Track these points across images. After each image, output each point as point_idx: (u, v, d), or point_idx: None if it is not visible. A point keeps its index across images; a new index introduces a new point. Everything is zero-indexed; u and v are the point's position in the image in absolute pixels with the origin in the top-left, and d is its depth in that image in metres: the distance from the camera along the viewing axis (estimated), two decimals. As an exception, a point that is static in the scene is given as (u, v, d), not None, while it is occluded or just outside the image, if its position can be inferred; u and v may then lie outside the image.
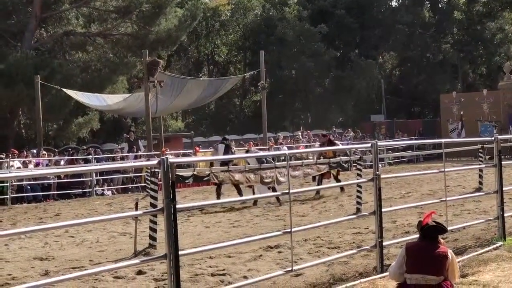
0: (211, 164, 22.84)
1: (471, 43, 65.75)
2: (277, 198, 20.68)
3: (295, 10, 63.94)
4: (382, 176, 10.73)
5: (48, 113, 38.98)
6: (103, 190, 30.21)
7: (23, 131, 47.03)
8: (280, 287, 9.57)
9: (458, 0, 66.69)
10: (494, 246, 11.63)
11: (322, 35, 60.78)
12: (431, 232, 8.70)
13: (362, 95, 61.90)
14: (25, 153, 30.84)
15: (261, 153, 23.94)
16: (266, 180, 20.92)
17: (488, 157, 22.61)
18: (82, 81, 42.09)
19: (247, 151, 29.04)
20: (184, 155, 34.07)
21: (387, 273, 9.43)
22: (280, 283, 9.77)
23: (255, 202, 21.12)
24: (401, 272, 8.75)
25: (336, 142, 28.27)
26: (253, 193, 21.84)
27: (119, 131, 54.35)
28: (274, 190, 20.59)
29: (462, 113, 45.19)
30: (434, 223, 8.81)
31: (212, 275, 10.67)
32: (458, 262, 9.52)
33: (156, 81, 33.16)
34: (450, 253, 8.66)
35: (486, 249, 11.47)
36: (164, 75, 37.20)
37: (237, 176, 21.27)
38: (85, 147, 36.78)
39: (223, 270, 10.98)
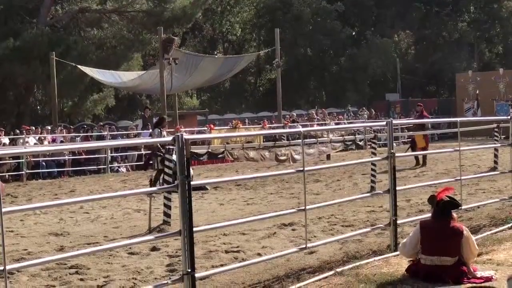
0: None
1: (488, 21, 65.26)
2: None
3: (311, -13, 63.68)
4: (396, 154, 10.70)
5: (63, 90, 39.13)
6: (118, 166, 30.30)
7: (38, 107, 47.22)
8: (294, 264, 9.59)
9: (475, -22, 66.27)
10: (509, 225, 11.60)
11: (338, 13, 60.50)
12: (445, 207, 8.70)
13: (377, 74, 61.64)
14: (40, 130, 30.92)
15: (276, 131, 23.93)
16: (281, 158, 20.93)
17: (504, 136, 22.51)
18: (97, 58, 42.14)
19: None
20: (199, 132, 34.09)
21: (400, 251, 9.44)
22: (293, 260, 9.79)
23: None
24: (415, 252, 8.76)
25: (427, 115, 28.33)
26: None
27: (134, 108, 54.45)
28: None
29: (477, 92, 44.94)
30: (448, 198, 8.81)
31: (226, 252, 10.70)
32: (475, 239, 9.48)
33: (171, 59, 33.11)
34: (465, 230, 8.65)
35: (500, 228, 11.45)
36: (179, 52, 37.16)
37: (252, 154, 21.29)
38: (100, 124, 36.86)
39: (237, 247, 11.00)
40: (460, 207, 9.14)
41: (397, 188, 10.70)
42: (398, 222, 10.61)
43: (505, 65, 57.06)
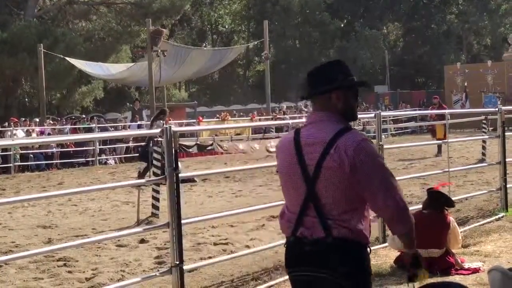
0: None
1: (476, 13, 65.38)
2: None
3: (300, -21, 63.69)
4: (385, 146, 10.72)
5: (52, 82, 39.00)
6: (106, 159, 30.24)
7: (27, 100, 47.09)
8: (283, 256, 9.54)
9: (464, -30, 66.40)
10: (496, 217, 11.64)
11: (327, 5, 60.55)
12: (439, 199, 8.76)
13: (366, 66, 61.76)
14: (28, 122, 30.83)
15: (265, 123, 23.91)
16: (271, 149, 20.89)
17: (492, 128, 22.56)
18: (85, 50, 42.04)
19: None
20: (188, 125, 34.06)
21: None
22: (282, 252, 9.70)
23: None
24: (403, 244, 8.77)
25: (445, 106, 28.49)
26: None
27: (123, 101, 54.36)
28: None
29: (466, 84, 44.98)
30: (445, 194, 8.93)
31: (215, 244, 10.69)
32: (461, 232, 9.54)
33: (159, 51, 33.08)
34: (452, 222, 8.71)
35: (488, 219, 11.48)
36: (168, 44, 37.13)
37: (242, 146, 21.26)
38: (88, 116, 36.79)
39: (226, 239, 11.00)
40: (452, 207, 9.19)
41: (386, 180, 10.67)
42: (386, 214, 10.60)
43: (493, 57, 57.19)
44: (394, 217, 4.26)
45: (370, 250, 4.32)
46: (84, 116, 37.74)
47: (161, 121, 21.21)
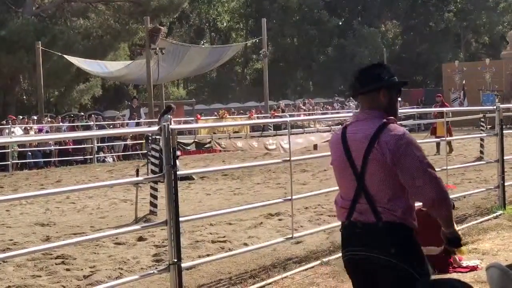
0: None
1: (474, 11, 65.37)
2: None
3: (298, -23, 63.66)
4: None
5: (50, 80, 38.95)
6: (104, 157, 30.22)
7: (25, 97, 47.04)
8: (280, 254, 9.60)
9: (462, -32, 66.38)
10: (494, 215, 11.65)
11: (325, 2, 60.55)
12: None
13: (364, 64, 61.26)
14: (26, 120, 30.81)
15: (263, 120, 23.91)
16: (270, 147, 20.88)
17: (490, 126, 22.57)
18: (83, 47, 41.95)
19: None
20: (186, 122, 34.06)
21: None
22: (280, 250, 9.80)
23: None
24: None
25: (447, 104, 28.47)
26: None
27: (121, 98, 54.32)
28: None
29: (464, 82, 44.99)
30: None
31: (213, 242, 10.70)
32: (458, 230, 9.53)
33: (157, 48, 33.07)
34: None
35: (486, 217, 11.50)
36: (166, 42, 37.11)
37: (240, 143, 21.22)
38: (86, 114, 36.77)
39: (224, 237, 11.00)
40: (453, 209, 9.18)
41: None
42: (384, 211, 10.62)
43: (492, 55, 57.19)
44: (435, 203, 4.70)
45: (417, 233, 4.87)
46: (82, 114, 37.70)
47: (169, 117, 21.42)
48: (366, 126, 4.65)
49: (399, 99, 5.22)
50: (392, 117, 4.75)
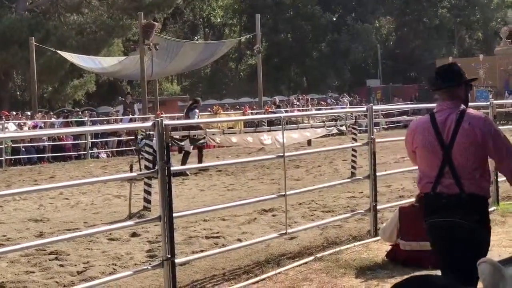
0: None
1: (468, 8, 65.47)
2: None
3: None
4: (377, 140, 10.73)
5: (43, 75, 38.88)
6: (98, 153, 30.18)
7: (18, 93, 46.97)
8: (274, 250, 9.60)
9: (456, -36, 66.42)
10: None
11: (319, -2, 60.53)
12: None
13: (358, 60, 61.81)
14: (20, 115, 30.75)
15: (257, 116, 23.87)
16: (266, 142, 20.77)
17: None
18: (77, 43, 41.90)
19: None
20: (180, 118, 34.00)
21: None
22: (274, 246, 9.80)
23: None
24: (393, 237, 8.82)
25: None
26: None
27: (115, 94, 54.24)
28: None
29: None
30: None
31: (207, 237, 10.69)
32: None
33: (151, 44, 33.00)
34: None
35: (479, 213, 11.50)
36: (160, 38, 37.05)
37: (235, 139, 21.11)
38: (77, 110, 36.71)
39: (218, 233, 11.00)
40: None
41: (377, 173, 10.74)
42: (378, 207, 10.66)
43: (485, 51, 57.27)
44: None
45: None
46: (78, 109, 37.64)
47: (196, 111, 21.68)
48: (451, 112, 5.62)
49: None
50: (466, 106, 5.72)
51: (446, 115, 5.63)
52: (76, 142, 29.56)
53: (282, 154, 9.59)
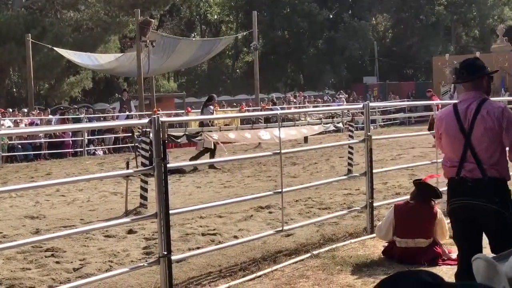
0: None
1: (465, 5, 65.45)
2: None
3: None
4: (373, 137, 10.75)
5: (40, 72, 38.83)
6: (94, 150, 30.16)
7: (14, 90, 46.92)
8: (271, 247, 9.61)
9: (453, -39, 66.39)
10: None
11: (315, -5, 60.48)
12: (425, 190, 8.83)
13: (355, 57, 61.77)
14: (16, 112, 30.72)
15: (253, 113, 23.87)
16: (264, 137, 20.73)
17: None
18: (73, 40, 41.84)
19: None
20: (176, 115, 34.00)
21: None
22: (270, 243, 9.81)
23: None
24: (389, 234, 8.84)
25: (435, 97, 28.94)
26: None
27: (111, 91, 54.21)
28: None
29: (454, 75, 45.03)
30: (432, 185, 9.01)
31: (203, 234, 10.69)
32: (448, 223, 9.57)
33: (148, 41, 32.99)
34: (439, 213, 8.76)
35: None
36: (156, 34, 37.01)
37: (232, 135, 21.07)
38: (76, 107, 36.68)
39: (214, 230, 11.00)
40: (440, 198, 9.26)
41: (374, 171, 10.76)
42: (375, 204, 10.68)
43: (482, 48, 57.29)
44: None
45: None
46: (76, 106, 37.61)
47: (211, 107, 21.81)
48: (473, 101, 6.15)
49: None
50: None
51: (468, 104, 6.16)
52: (73, 139, 29.53)
53: (278, 151, 9.60)
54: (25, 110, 32.14)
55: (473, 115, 6.07)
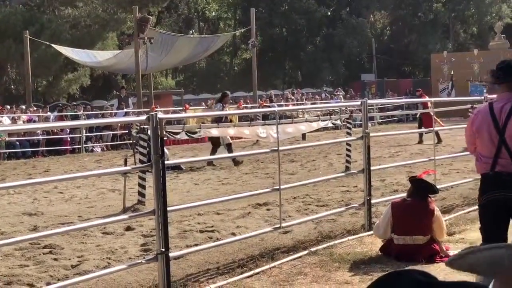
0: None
1: (463, 2, 65.46)
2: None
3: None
4: (371, 134, 10.75)
5: (38, 69, 38.80)
6: (92, 147, 30.15)
7: (12, 87, 46.84)
8: (268, 244, 9.61)
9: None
10: (482, 205, 11.68)
11: (314, -8, 60.47)
12: (421, 186, 8.83)
13: (353, 54, 61.79)
14: (14, 109, 30.69)
15: (251, 110, 23.88)
16: (261, 135, 20.73)
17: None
18: (71, 37, 41.82)
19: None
20: (174, 112, 33.99)
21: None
22: (268, 240, 9.81)
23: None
24: (388, 232, 8.84)
25: (424, 96, 29.20)
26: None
27: (109, 88, 54.17)
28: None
29: (452, 73, 45.03)
30: (428, 181, 9.01)
31: (201, 231, 10.69)
32: (446, 220, 9.61)
33: (146, 38, 32.97)
34: (436, 210, 8.77)
35: (473, 207, 11.49)
36: (154, 31, 37.00)
37: (231, 131, 21.06)
38: (74, 103, 36.66)
39: (212, 227, 11.00)
40: (436, 193, 9.28)
41: (372, 168, 10.76)
42: (372, 201, 10.69)
43: (480, 46, 57.28)
44: None
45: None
46: (75, 103, 37.57)
47: (220, 104, 21.84)
48: (508, 101, 6.51)
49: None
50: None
51: (503, 103, 6.53)
52: (71, 136, 29.52)
53: (276, 148, 9.60)
54: (23, 107, 32.11)
55: (507, 114, 6.45)
